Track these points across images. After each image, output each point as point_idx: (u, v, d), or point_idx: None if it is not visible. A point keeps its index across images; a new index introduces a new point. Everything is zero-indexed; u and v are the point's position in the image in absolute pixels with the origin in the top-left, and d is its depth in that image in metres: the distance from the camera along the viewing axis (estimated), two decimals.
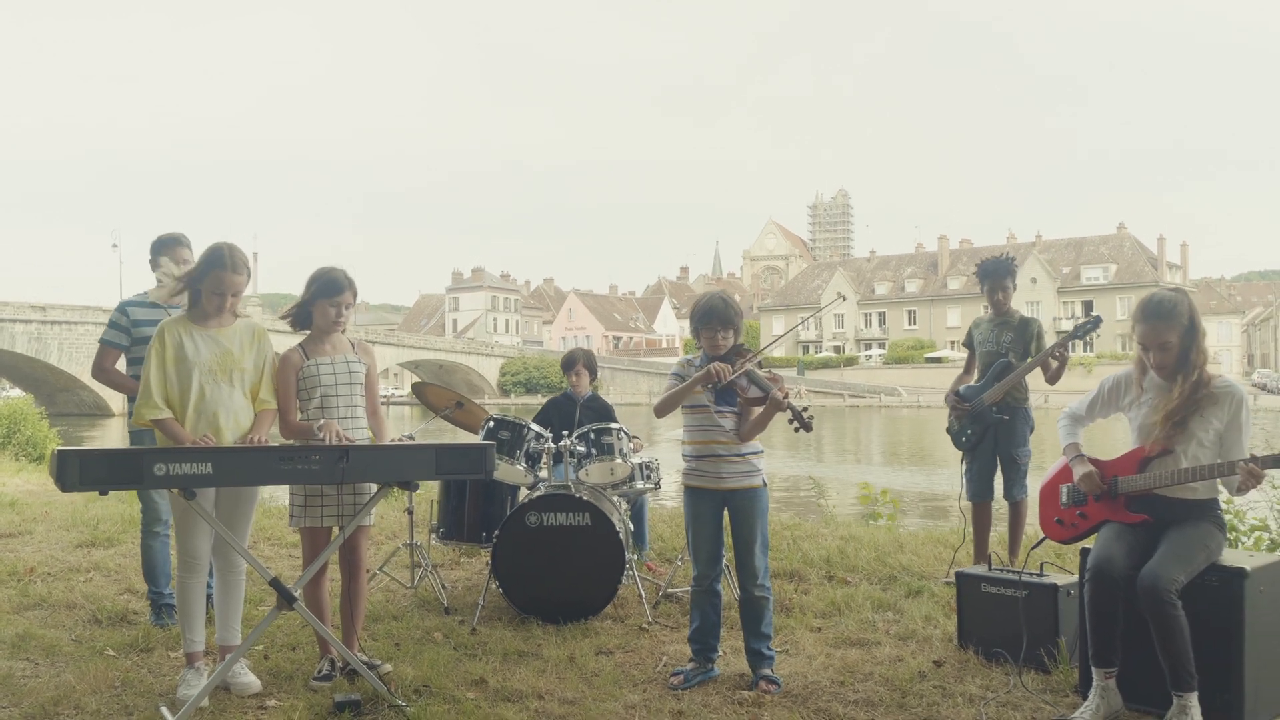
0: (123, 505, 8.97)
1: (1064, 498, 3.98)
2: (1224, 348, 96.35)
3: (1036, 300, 78.46)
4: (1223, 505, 7.55)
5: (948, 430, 5.95)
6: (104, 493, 3.47)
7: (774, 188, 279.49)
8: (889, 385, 74.08)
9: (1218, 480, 3.67)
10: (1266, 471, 3.51)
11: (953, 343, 78.37)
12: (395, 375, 75.76)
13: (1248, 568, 3.58)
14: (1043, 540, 4.20)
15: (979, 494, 5.77)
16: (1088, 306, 76.95)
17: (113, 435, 35.70)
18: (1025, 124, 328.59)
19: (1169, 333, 3.64)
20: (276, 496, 10.50)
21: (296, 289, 4.45)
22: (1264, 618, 3.61)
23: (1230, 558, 3.69)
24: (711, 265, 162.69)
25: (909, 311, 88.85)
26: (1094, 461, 3.90)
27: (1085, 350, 70.54)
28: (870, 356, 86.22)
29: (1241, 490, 3.58)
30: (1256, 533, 7.55)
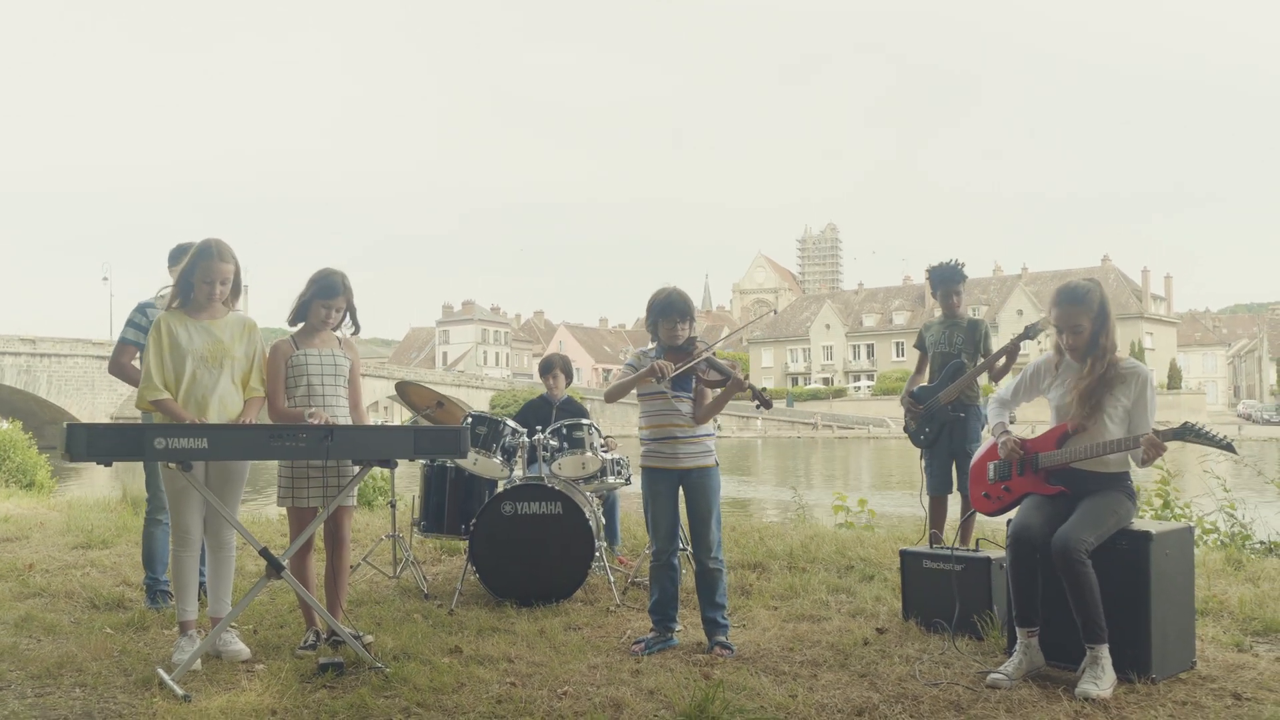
0: (115, 515, 9.26)
1: (991, 474, 4.33)
2: (1209, 379, 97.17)
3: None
4: (1179, 508, 7.97)
5: (905, 429, 6.31)
6: (107, 464, 3.78)
7: (763, 222, 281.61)
8: (877, 416, 74.45)
9: (1129, 455, 4.03)
10: (1167, 443, 3.87)
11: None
12: (385, 408, 75.87)
13: (1153, 532, 3.93)
14: (973, 512, 4.55)
15: (937, 488, 6.10)
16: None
17: (100, 470, 35.68)
18: (1010, 156, 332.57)
19: (1081, 316, 4.01)
20: (265, 513, 10.80)
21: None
22: (1168, 578, 3.96)
23: (1139, 524, 4.04)
24: (701, 298, 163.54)
25: (897, 343, 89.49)
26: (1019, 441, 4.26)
27: None
28: (859, 388, 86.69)
29: (1145, 462, 3.93)
30: (1210, 534, 7.94)
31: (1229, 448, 3.85)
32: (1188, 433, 3.83)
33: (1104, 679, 3.74)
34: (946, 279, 6.10)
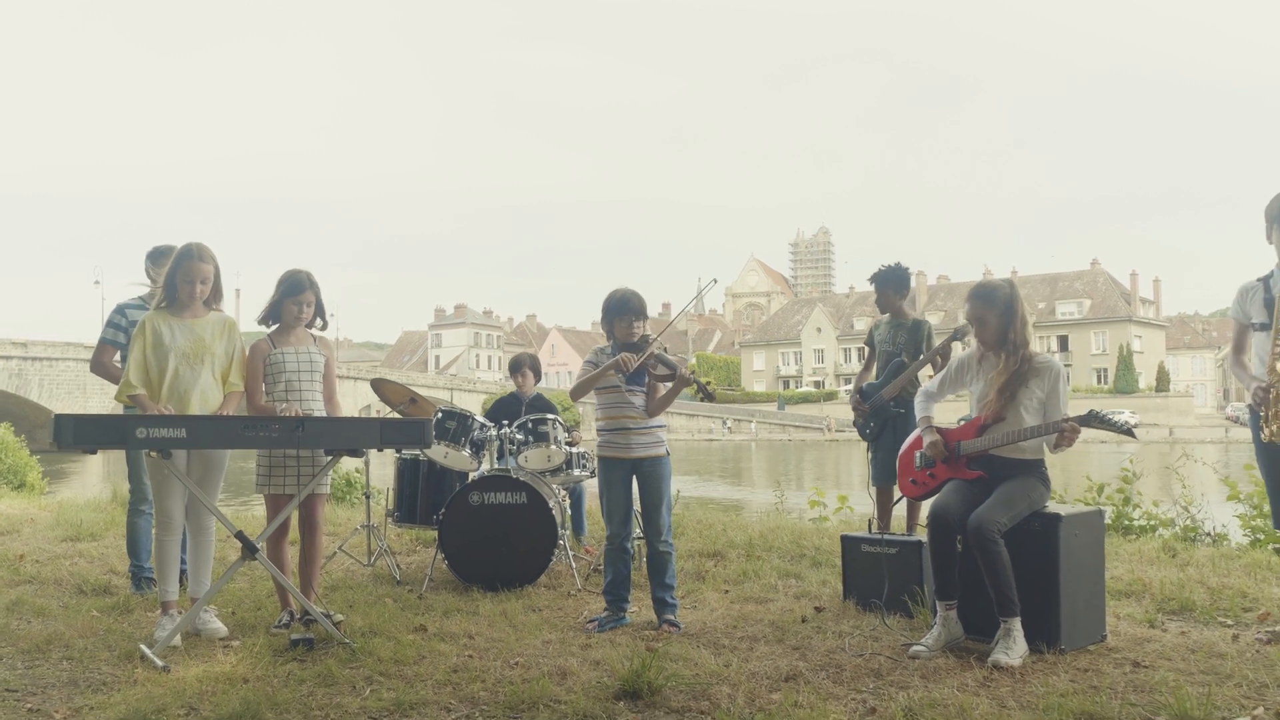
0: (105, 513, 9.54)
1: (917, 462, 4.66)
2: (1198, 382, 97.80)
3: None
4: (1137, 504, 8.34)
5: (853, 424, 6.63)
6: (92, 451, 4.08)
7: (758, 224, 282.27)
8: None
9: (1044, 443, 4.35)
10: (1082, 429, 4.18)
11: (927, 377, 79.27)
12: (377, 412, 76.08)
13: (1063, 514, 4.25)
14: (902, 498, 4.86)
15: (882, 479, 6.42)
16: (1063, 341, 78.80)
17: (92, 468, 35.92)
18: (1005, 158, 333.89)
19: (986, 312, 4.35)
20: (252, 510, 11.08)
21: None
22: (1077, 557, 4.28)
23: (1050, 507, 4.36)
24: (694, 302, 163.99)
25: None
26: (941, 431, 4.58)
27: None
28: (849, 391, 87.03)
29: (1058, 448, 4.25)
30: (1167, 527, 8.30)
31: (1129, 433, 4.18)
32: (1093, 419, 4.15)
33: (1015, 649, 4.06)
34: (890, 282, 6.42)
